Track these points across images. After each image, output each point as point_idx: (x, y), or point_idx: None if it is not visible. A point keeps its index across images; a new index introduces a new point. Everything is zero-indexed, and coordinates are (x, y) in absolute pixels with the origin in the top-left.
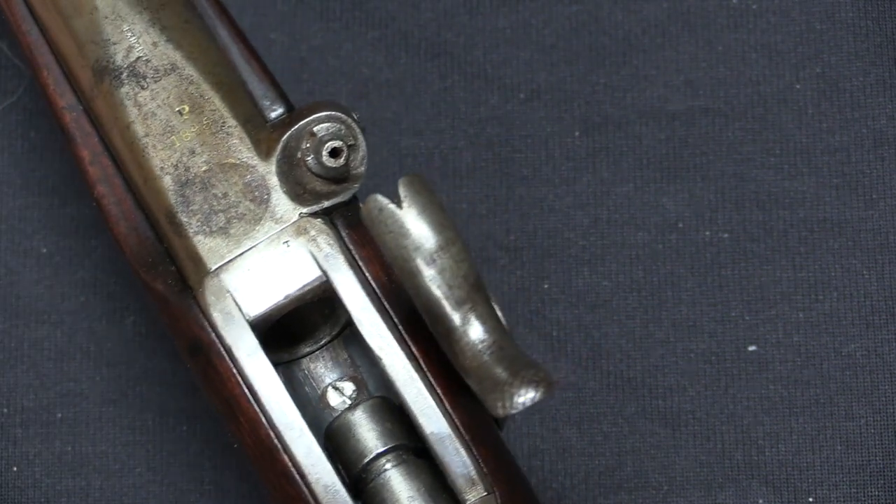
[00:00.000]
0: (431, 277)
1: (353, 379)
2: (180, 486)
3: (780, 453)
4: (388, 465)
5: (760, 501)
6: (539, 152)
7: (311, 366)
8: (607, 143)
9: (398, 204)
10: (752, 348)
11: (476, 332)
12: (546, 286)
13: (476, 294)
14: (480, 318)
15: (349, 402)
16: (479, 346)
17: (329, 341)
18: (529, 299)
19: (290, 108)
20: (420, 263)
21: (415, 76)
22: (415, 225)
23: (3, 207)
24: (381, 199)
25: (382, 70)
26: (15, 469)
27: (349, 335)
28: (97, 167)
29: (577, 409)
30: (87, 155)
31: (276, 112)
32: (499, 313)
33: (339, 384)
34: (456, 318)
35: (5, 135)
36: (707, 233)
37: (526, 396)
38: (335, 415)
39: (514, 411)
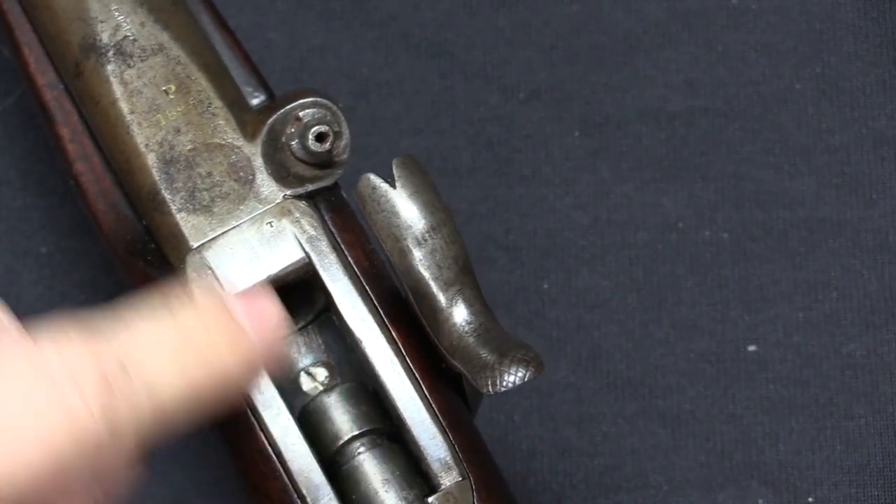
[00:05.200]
0: (421, 258)
1: (325, 365)
2: (178, 486)
3: (780, 453)
4: (362, 449)
5: (760, 501)
6: (539, 152)
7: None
8: (607, 143)
9: (392, 184)
10: (752, 348)
11: (463, 313)
12: (546, 286)
13: (465, 277)
14: (467, 300)
15: (321, 387)
16: (466, 328)
17: (303, 326)
18: (529, 299)
19: (271, 95)
20: (411, 243)
21: (415, 76)
22: (407, 205)
23: (2, 207)
24: (375, 179)
25: (382, 70)
26: None
27: (324, 321)
28: (76, 145)
29: (577, 409)
30: (66, 133)
31: (258, 99)
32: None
33: (312, 370)
34: (443, 299)
35: (5, 135)
36: (707, 233)
37: (516, 375)
38: (307, 400)
39: (503, 390)
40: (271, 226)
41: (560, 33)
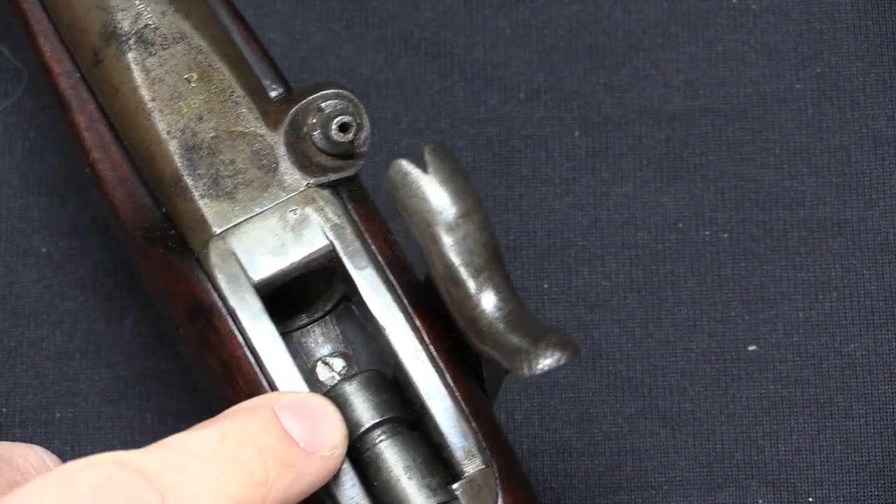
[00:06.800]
0: (452, 244)
1: (343, 355)
2: None
3: (780, 453)
4: (383, 437)
5: (760, 501)
6: (539, 152)
7: (303, 340)
8: (607, 143)
9: (423, 169)
10: (752, 348)
11: (492, 300)
12: (546, 286)
13: (494, 264)
14: (497, 287)
15: (338, 377)
16: (496, 314)
17: (322, 316)
18: (529, 299)
19: (288, 89)
20: (442, 229)
21: (415, 76)
22: (439, 191)
23: (2, 207)
24: (407, 164)
25: (382, 70)
26: None
27: (342, 311)
28: (93, 133)
29: (577, 409)
30: (83, 121)
31: (276, 92)
32: None
33: (330, 360)
34: (473, 285)
35: (5, 135)
36: (707, 233)
37: (552, 358)
38: (324, 390)
39: (539, 373)
40: (295, 213)
41: (560, 33)
